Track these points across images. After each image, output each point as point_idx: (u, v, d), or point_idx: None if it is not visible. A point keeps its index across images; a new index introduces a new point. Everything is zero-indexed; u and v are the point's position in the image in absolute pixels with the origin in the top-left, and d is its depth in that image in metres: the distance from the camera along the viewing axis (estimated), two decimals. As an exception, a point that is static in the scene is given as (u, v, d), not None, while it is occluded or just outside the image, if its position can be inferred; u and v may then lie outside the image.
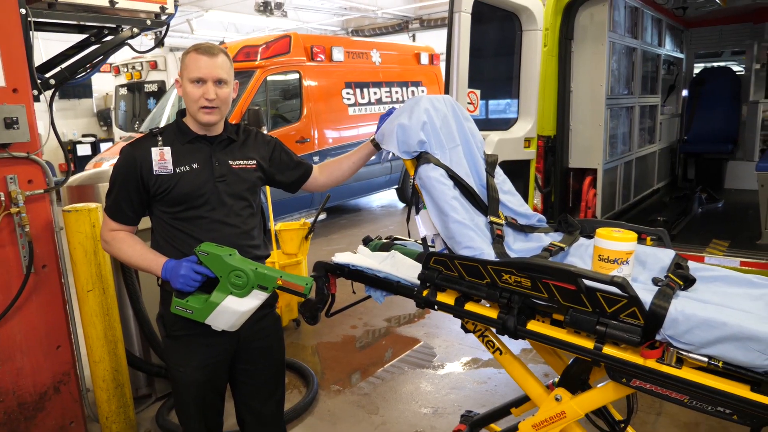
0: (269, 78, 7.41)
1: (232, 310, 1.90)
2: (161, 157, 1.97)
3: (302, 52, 7.77)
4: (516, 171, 4.12)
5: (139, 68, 10.88)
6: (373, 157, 2.51)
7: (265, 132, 7.25)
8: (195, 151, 2.02)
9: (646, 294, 1.62)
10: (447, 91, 3.55)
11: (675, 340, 1.55)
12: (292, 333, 4.79)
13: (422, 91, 9.66)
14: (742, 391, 1.48)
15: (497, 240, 2.07)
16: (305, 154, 7.67)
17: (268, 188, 5.14)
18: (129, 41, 3.56)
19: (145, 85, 11.02)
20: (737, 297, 1.75)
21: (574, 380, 1.96)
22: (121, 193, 2.00)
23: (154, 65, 10.75)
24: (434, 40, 12.14)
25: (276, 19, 12.65)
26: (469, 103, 3.80)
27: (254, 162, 2.13)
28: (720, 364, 1.51)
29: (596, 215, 4.51)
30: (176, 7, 3.75)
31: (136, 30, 3.52)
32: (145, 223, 2.11)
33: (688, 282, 1.80)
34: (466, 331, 2.13)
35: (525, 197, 4.23)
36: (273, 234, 4.92)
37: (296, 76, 7.74)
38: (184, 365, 2.07)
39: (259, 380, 2.26)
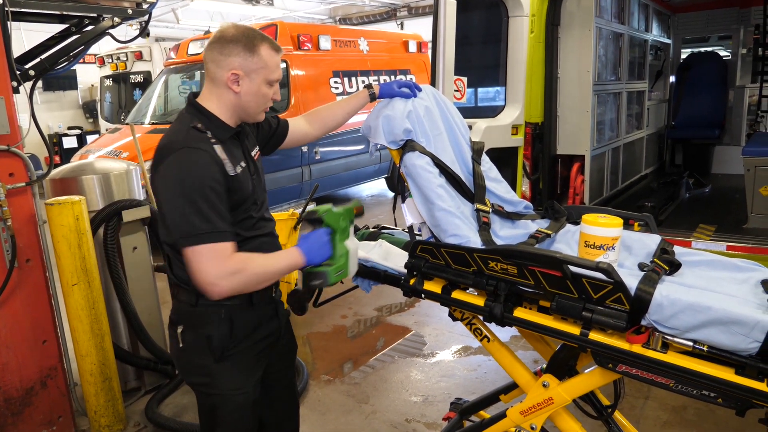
0: (256, 67, 7.33)
1: (354, 252, 1.91)
2: (225, 157, 1.70)
3: (289, 41, 7.68)
4: (504, 158, 4.12)
5: (124, 59, 10.73)
6: (362, 147, 2.47)
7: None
8: (235, 148, 1.80)
9: (632, 279, 1.62)
10: (433, 78, 3.53)
11: (660, 325, 1.55)
12: (283, 324, 4.78)
13: (411, 80, 9.61)
14: (726, 374, 1.48)
15: (484, 227, 2.06)
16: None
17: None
18: (110, 31, 3.50)
19: (131, 76, 10.89)
20: (723, 281, 1.76)
21: (562, 366, 1.97)
22: (215, 207, 1.60)
23: (139, 56, 10.61)
24: (422, 27, 12.06)
25: (262, 8, 12.52)
26: (455, 91, 3.78)
27: (257, 147, 1.99)
28: (705, 348, 1.51)
29: (584, 201, 4.52)
30: (158, -5, 3.69)
31: (117, 20, 3.46)
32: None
33: (674, 267, 1.80)
34: (454, 319, 2.13)
35: (513, 184, 4.23)
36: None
37: (283, 65, 7.67)
38: (244, 385, 1.81)
39: (287, 377, 2.18)
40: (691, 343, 1.52)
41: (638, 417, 3.26)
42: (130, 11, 3.50)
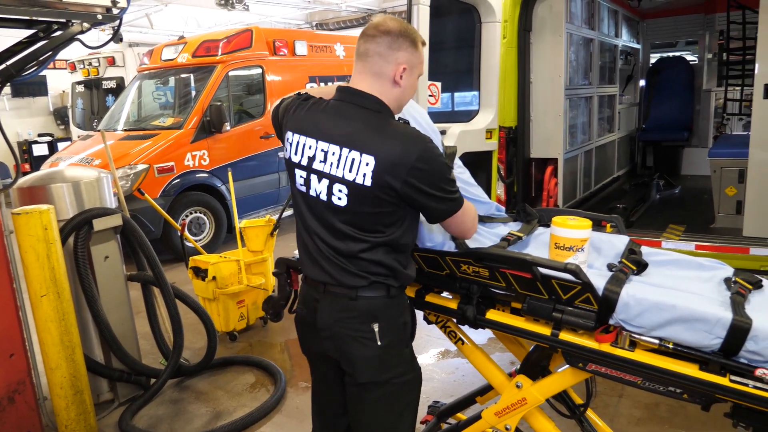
0: (231, 73, 7.29)
1: None
2: None
3: (264, 47, 7.66)
4: (478, 162, 4.16)
5: (97, 64, 10.56)
6: None
7: (228, 128, 7.13)
8: None
9: (600, 280, 1.66)
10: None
11: (627, 324, 1.59)
12: (260, 331, 4.74)
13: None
14: (691, 370, 1.52)
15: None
16: (270, 149, 7.59)
17: (231, 185, 5.08)
18: (79, 36, 3.45)
19: (103, 82, 10.72)
20: (688, 280, 1.80)
21: (535, 367, 2.00)
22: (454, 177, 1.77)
23: (112, 61, 10.45)
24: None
25: (238, 13, 12.43)
26: (429, 96, 3.81)
27: None
28: (670, 346, 1.55)
29: (558, 204, 4.59)
30: (128, 0, 3.65)
31: (86, 25, 3.41)
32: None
33: (641, 266, 1.84)
34: (429, 322, 2.14)
35: (488, 188, 4.28)
36: (237, 231, 4.85)
37: (259, 70, 7.63)
38: (416, 362, 1.90)
39: None
40: (657, 341, 1.56)
41: (612, 415, 3.30)
42: (100, 16, 3.44)
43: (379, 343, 1.73)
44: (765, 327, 1.46)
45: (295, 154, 1.77)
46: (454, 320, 1.94)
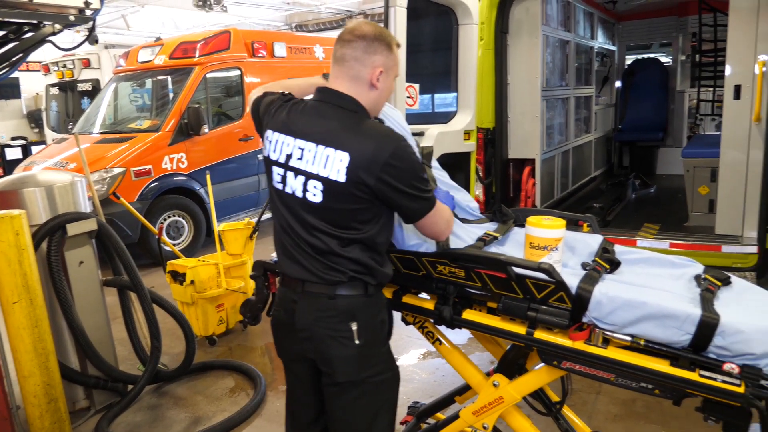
0: (209, 75, 7.24)
1: None
2: None
3: (243, 48, 7.62)
4: (457, 163, 4.18)
5: (71, 66, 10.39)
6: None
7: (206, 131, 7.07)
8: None
9: (573, 278, 1.68)
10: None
11: (600, 322, 1.61)
12: (240, 335, 4.71)
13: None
14: (662, 366, 1.55)
15: None
16: (249, 152, 7.55)
17: (210, 188, 5.04)
18: (51, 38, 3.40)
19: (78, 84, 10.55)
20: (659, 277, 1.84)
21: (512, 366, 2.01)
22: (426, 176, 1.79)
23: (87, 63, 10.28)
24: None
25: (216, 15, 12.34)
26: (408, 97, 3.82)
27: None
28: (642, 342, 1.58)
29: (536, 204, 4.63)
30: (102, 2, 3.60)
31: (58, 26, 3.36)
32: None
33: (614, 265, 1.87)
34: (407, 323, 2.15)
35: (467, 188, 4.30)
36: (216, 235, 4.82)
37: (237, 72, 7.59)
38: (394, 361, 1.92)
39: None
40: (629, 338, 1.59)
41: (590, 412, 3.34)
42: (72, 18, 3.40)
43: (357, 342, 1.75)
44: (732, 322, 1.50)
45: (274, 151, 1.79)
46: (432, 321, 1.95)
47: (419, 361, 4.11)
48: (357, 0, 13.50)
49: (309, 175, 1.69)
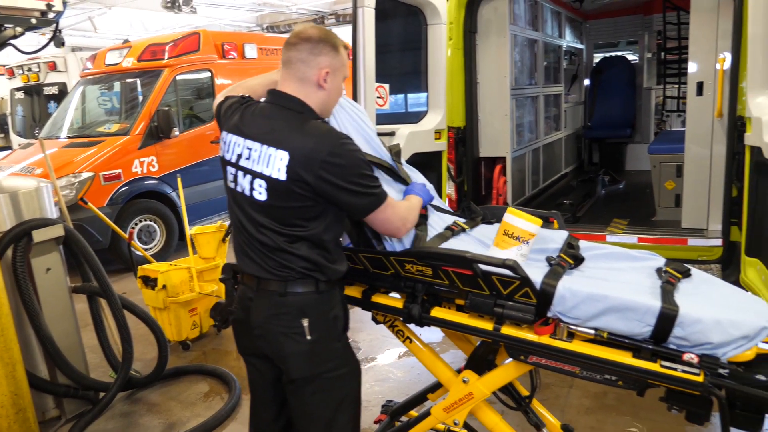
0: (179, 77, 7.15)
1: None
2: None
3: (213, 50, 7.54)
4: (428, 162, 4.21)
5: (37, 70, 10.15)
6: None
7: (177, 134, 6.98)
8: None
9: (538, 274, 1.70)
10: (355, 85, 3.56)
11: (564, 316, 1.64)
12: (214, 339, 4.66)
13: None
14: (624, 358, 1.59)
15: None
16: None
17: (181, 191, 4.98)
18: (12, 42, 3.32)
19: (45, 88, 10.31)
20: (622, 271, 1.88)
21: (482, 362, 2.04)
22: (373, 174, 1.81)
23: (53, 66, 10.06)
24: (350, 35, 12.13)
25: (186, 16, 12.19)
26: (378, 98, 3.83)
27: None
28: (605, 335, 1.61)
29: (508, 202, 4.69)
30: (65, 4, 3.53)
31: (19, 29, 3.29)
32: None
33: (578, 260, 1.90)
34: (377, 322, 2.16)
35: (439, 187, 4.33)
36: (188, 239, 4.76)
37: (208, 74, 7.51)
38: (354, 353, 1.95)
39: None
40: (592, 331, 1.62)
41: (563, 406, 3.40)
42: (34, 20, 3.33)
43: (308, 338, 1.78)
44: (690, 313, 1.54)
45: (227, 152, 1.85)
46: (401, 319, 1.96)
47: (395, 361, 4.12)
48: (328, 0, 13.47)
49: (255, 174, 1.75)
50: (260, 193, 1.74)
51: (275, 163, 1.69)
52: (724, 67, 3.77)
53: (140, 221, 6.64)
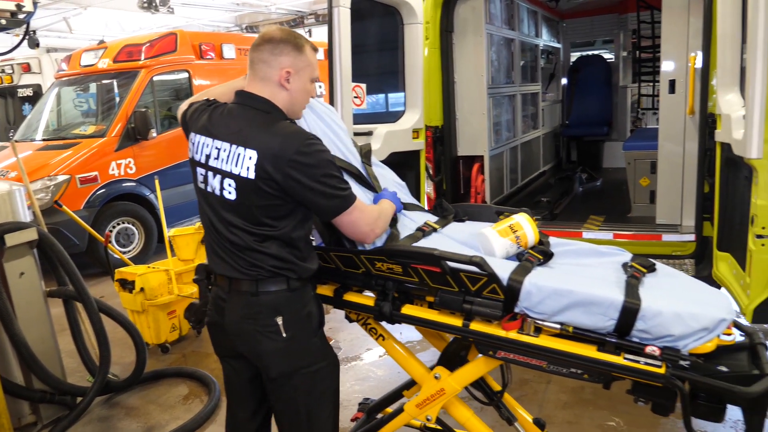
0: (156, 78, 7.10)
1: None
2: None
3: (190, 50, 7.49)
4: (407, 161, 4.23)
5: (10, 71, 10.00)
6: None
7: (154, 135, 6.91)
8: None
9: (505, 270, 1.73)
10: (331, 85, 3.57)
11: (531, 311, 1.67)
12: (194, 341, 4.64)
13: (320, 86, 9.61)
14: (589, 351, 1.62)
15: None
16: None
17: (158, 192, 4.95)
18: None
19: (18, 90, 10.16)
20: (589, 266, 1.91)
21: (454, 358, 2.06)
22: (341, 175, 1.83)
23: (27, 68, 9.91)
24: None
25: (163, 17, 12.08)
26: (355, 97, 3.84)
27: None
28: (570, 329, 1.64)
29: (486, 200, 4.72)
30: (35, 4, 3.49)
31: (-11, 30, 3.25)
32: None
33: (547, 256, 1.93)
34: (350, 320, 2.17)
35: (417, 186, 4.35)
36: (167, 241, 4.73)
37: (185, 75, 7.46)
38: (330, 347, 1.97)
39: None
40: (558, 326, 1.65)
41: (541, 401, 3.44)
42: (4, 21, 3.29)
43: (284, 335, 1.80)
44: (652, 307, 1.58)
45: (197, 153, 1.87)
46: (374, 317, 1.97)
47: (376, 360, 4.13)
48: (308, 0, 13.43)
49: (224, 174, 1.76)
50: (230, 193, 1.75)
51: (244, 161, 1.70)
52: (696, 65, 3.83)
53: (118, 224, 6.58)
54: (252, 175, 1.69)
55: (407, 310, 1.87)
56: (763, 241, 2.68)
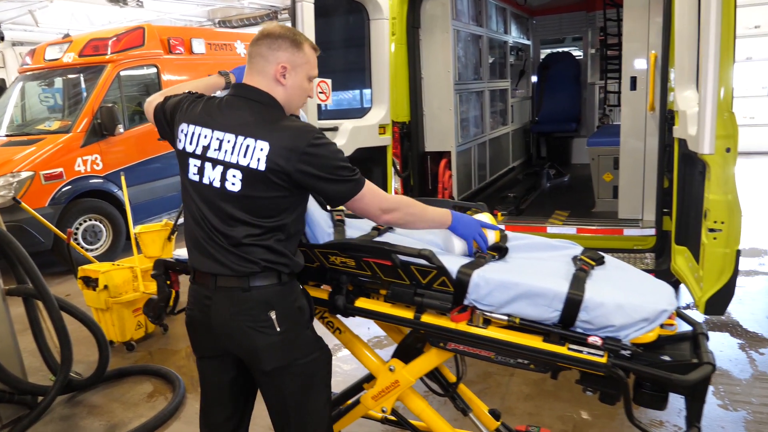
0: (123, 73, 6.98)
1: None
2: None
3: (158, 45, 7.39)
4: (373, 157, 4.24)
5: (-27, 66, 9.78)
6: None
7: (121, 131, 6.81)
8: None
9: (455, 263, 1.75)
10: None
11: (479, 303, 1.70)
12: (160, 338, 4.60)
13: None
14: (535, 342, 1.65)
15: (338, 225, 2.13)
16: (170, 151, 7.28)
17: (125, 189, 4.89)
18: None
19: (-18, 85, 9.93)
20: (542, 260, 1.95)
21: (410, 350, 2.08)
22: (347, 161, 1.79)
23: (-9, 62, 9.71)
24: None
25: (133, 10, 11.89)
26: (320, 93, 3.84)
27: None
28: (517, 321, 1.67)
29: (453, 196, 4.76)
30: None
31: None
32: None
33: (502, 251, 1.96)
34: (308, 315, 2.17)
35: (384, 182, 4.37)
36: (133, 238, 4.68)
37: (154, 70, 7.36)
38: (321, 339, 1.93)
39: None
40: (505, 317, 1.68)
41: (504, 393, 3.49)
42: (-43, 14, 3.20)
43: (278, 329, 1.78)
44: (594, 298, 1.62)
45: (190, 143, 1.81)
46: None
47: (341, 354, 4.14)
48: (281, -5, 13.33)
49: (228, 165, 1.73)
50: (233, 184, 1.72)
51: (254, 153, 1.68)
52: (656, 63, 3.91)
53: (85, 221, 6.47)
54: (263, 167, 1.67)
55: (361, 303, 1.89)
56: (715, 235, 2.75)
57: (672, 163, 3.48)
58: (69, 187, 6.27)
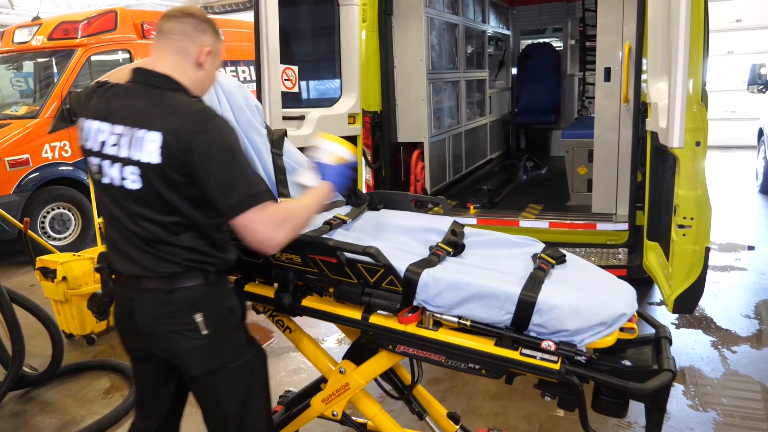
0: (94, 57, 6.76)
1: None
2: None
3: (132, 29, 7.16)
4: (343, 147, 4.12)
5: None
6: None
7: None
8: None
9: (404, 262, 1.66)
10: (258, 68, 3.41)
11: (428, 304, 1.61)
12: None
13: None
14: (486, 346, 1.57)
15: None
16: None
17: (90, 178, 4.72)
18: None
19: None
20: (500, 258, 1.86)
21: (363, 352, 1.98)
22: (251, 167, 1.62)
23: (-41, 44, 9.36)
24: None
25: (110, -6, 11.58)
26: (286, 80, 3.71)
27: None
28: (468, 323, 1.58)
29: (426, 188, 4.67)
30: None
31: None
32: None
33: (458, 248, 1.86)
34: (257, 312, 2.08)
35: (355, 173, 4.26)
36: (97, 228, 4.52)
37: (126, 55, 7.14)
38: (255, 341, 1.82)
39: None
40: (456, 319, 1.59)
41: (471, 392, 3.41)
42: None
43: (204, 332, 1.66)
44: (548, 300, 1.53)
45: (88, 140, 1.66)
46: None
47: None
48: (262, -20, 13.04)
49: (125, 161, 1.57)
50: (133, 182, 1.57)
51: (146, 145, 1.53)
52: (630, 54, 3.84)
53: (53, 209, 6.28)
54: (157, 160, 1.53)
55: (308, 302, 1.79)
56: (684, 231, 2.69)
57: (645, 156, 3.42)
58: (36, 174, 6.08)
